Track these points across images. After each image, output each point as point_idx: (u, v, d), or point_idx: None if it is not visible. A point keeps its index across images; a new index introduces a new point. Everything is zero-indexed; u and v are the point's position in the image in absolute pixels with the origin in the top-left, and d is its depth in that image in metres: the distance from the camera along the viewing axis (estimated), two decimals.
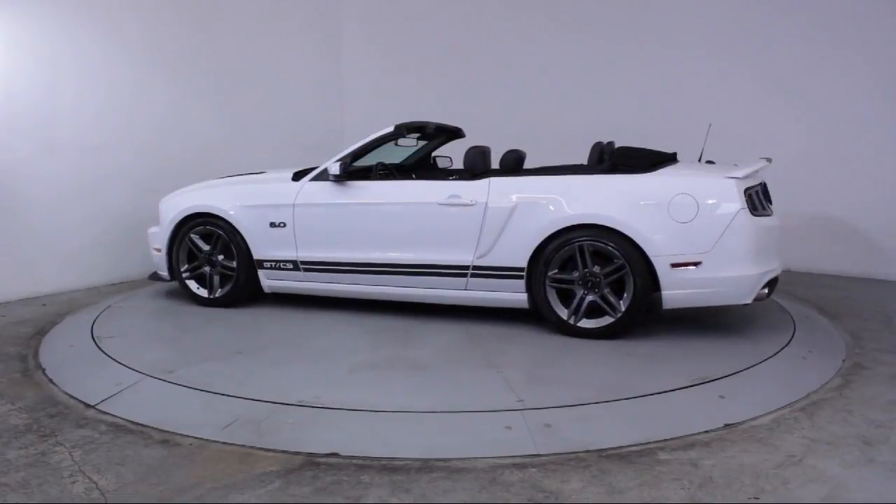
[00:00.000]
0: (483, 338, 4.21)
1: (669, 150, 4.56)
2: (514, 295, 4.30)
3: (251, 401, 3.22)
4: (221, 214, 4.95)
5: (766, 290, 4.05)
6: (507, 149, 4.71)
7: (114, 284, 5.98)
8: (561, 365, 3.76)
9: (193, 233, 5.07)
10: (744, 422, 2.98)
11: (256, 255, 4.92)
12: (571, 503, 2.37)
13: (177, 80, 6.47)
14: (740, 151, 4.61)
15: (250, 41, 7.17)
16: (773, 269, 4.11)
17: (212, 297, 5.06)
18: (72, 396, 3.41)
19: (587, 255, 4.06)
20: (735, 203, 3.90)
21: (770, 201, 4.39)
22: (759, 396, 3.27)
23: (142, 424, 3.04)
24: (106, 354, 4.00)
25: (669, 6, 6.64)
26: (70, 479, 2.58)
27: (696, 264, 3.92)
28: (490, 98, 7.57)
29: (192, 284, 5.14)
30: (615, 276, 4.03)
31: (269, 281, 4.96)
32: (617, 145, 4.67)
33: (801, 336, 4.17)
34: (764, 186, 4.38)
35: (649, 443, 2.78)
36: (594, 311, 4.13)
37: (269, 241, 4.86)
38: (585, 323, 4.14)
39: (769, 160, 4.30)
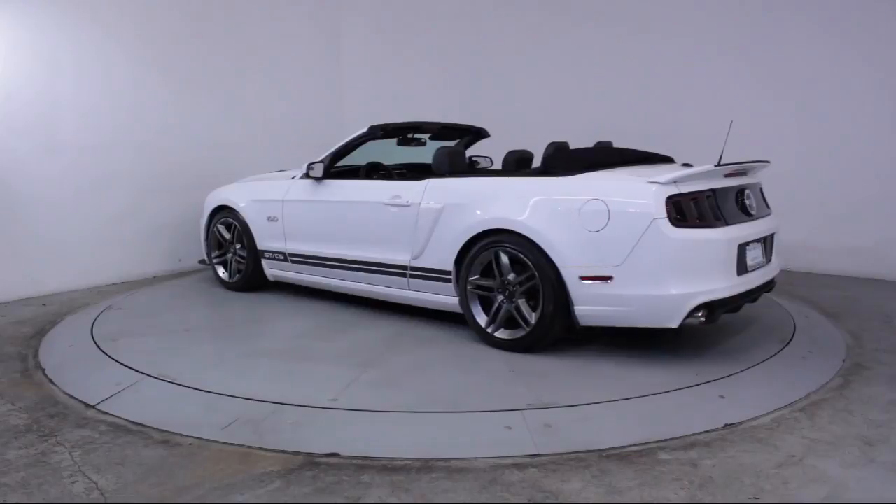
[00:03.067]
0: (405, 338, 4.21)
1: (676, 151, 4.53)
2: (447, 298, 4.21)
3: (252, 401, 3.22)
4: (236, 208, 5.42)
5: (700, 315, 3.46)
6: (511, 148, 4.61)
7: (114, 284, 5.98)
8: (431, 374, 3.60)
9: (220, 224, 5.57)
10: (744, 422, 2.98)
11: (259, 246, 5.31)
12: (571, 503, 2.37)
13: (176, 80, 6.47)
14: (740, 151, 4.60)
15: (250, 41, 7.17)
16: (712, 290, 3.45)
17: (230, 281, 5.58)
18: (72, 396, 3.41)
19: (503, 262, 3.84)
20: (650, 211, 3.41)
21: (747, 211, 3.86)
22: (759, 396, 3.27)
23: (142, 424, 3.05)
24: (91, 337, 4.28)
25: (673, 6, 6.64)
26: (70, 479, 2.58)
27: (606, 279, 3.52)
28: (493, 97, 7.56)
29: (220, 269, 5.66)
30: (529, 286, 3.75)
31: (269, 270, 5.35)
32: (616, 145, 4.66)
33: (801, 336, 4.16)
34: (736, 192, 3.85)
35: (649, 443, 2.78)
36: (512, 321, 3.87)
37: (268, 233, 5.22)
38: (502, 333, 3.91)
39: (766, 161, 4.25)
